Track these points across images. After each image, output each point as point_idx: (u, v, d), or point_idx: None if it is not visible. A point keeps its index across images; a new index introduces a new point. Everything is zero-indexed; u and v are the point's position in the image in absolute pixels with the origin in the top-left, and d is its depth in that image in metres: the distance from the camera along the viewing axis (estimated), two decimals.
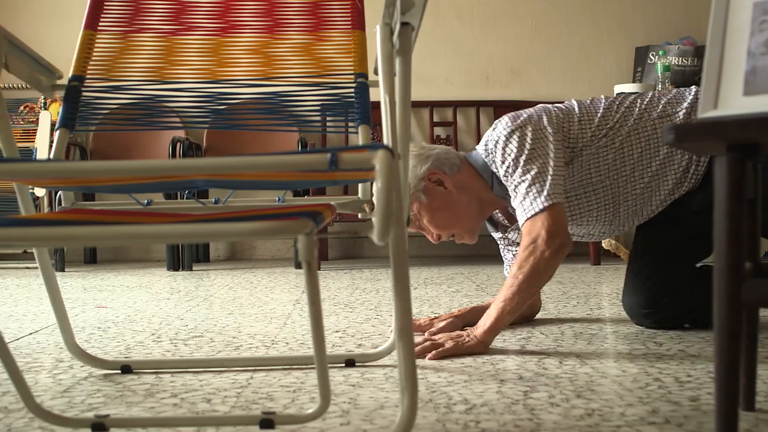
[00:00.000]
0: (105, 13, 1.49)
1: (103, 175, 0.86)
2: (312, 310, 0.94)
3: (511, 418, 1.16)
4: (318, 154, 0.86)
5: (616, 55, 4.19)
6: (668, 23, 4.22)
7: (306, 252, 0.87)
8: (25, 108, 4.03)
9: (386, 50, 1.15)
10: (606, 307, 2.28)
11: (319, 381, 1.04)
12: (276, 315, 2.22)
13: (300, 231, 0.85)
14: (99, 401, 1.30)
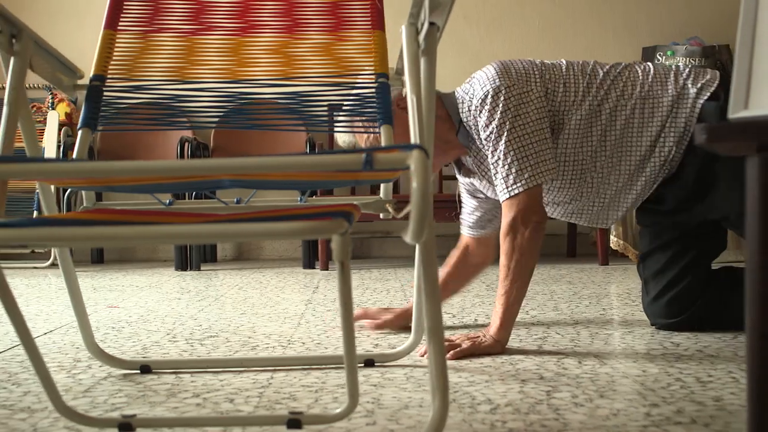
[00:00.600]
0: (124, 13, 1.49)
1: (137, 175, 0.86)
2: (344, 311, 0.94)
3: (536, 418, 1.16)
4: (353, 154, 0.86)
5: (622, 56, 4.19)
6: (674, 23, 4.22)
7: (341, 252, 0.87)
8: (32, 108, 4.02)
9: (412, 50, 1.15)
10: (618, 307, 2.28)
11: (348, 381, 1.04)
12: (289, 315, 2.21)
13: (335, 231, 0.85)
14: (121, 401, 1.30)
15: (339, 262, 0.89)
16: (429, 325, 0.98)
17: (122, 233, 0.79)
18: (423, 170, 0.85)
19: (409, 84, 1.13)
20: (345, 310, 0.94)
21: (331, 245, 0.88)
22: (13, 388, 1.41)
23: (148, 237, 0.79)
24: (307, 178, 1.12)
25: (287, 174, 1.05)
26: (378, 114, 1.36)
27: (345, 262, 0.89)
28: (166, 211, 1.27)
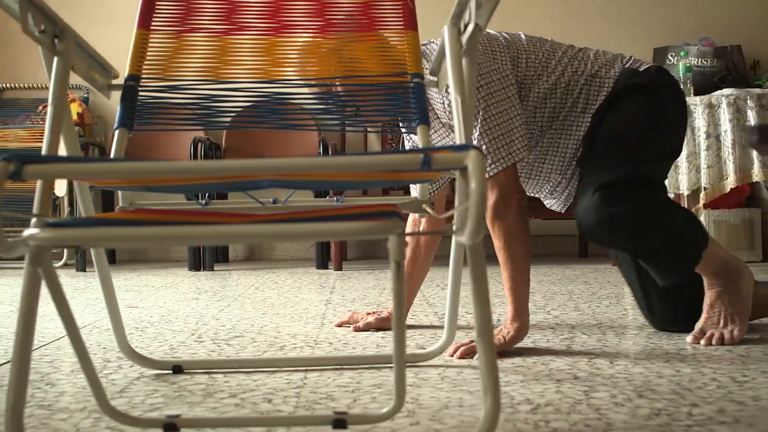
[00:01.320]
0: (157, 13, 1.49)
1: (195, 175, 0.86)
2: (397, 311, 0.94)
3: (579, 417, 1.16)
4: (411, 154, 0.86)
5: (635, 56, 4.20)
6: (685, 24, 4.22)
7: (397, 252, 0.87)
8: (43, 108, 4.02)
9: (455, 51, 1.15)
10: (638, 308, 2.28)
11: (396, 381, 1.04)
12: (311, 315, 2.22)
13: (392, 231, 0.85)
14: (159, 401, 1.30)
15: (395, 263, 0.89)
16: (479, 326, 0.98)
17: (190, 233, 0.79)
18: (481, 170, 0.85)
19: (452, 85, 1.13)
20: (398, 310, 0.94)
21: (388, 245, 0.88)
22: (48, 389, 1.40)
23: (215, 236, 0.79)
24: (347, 178, 1.12)
25: (329, 174, 1.05)
26: (414, 114, 1.36)
27: (401, 262, 0.89)
28: (207, 211, 1.27)
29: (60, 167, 0.84)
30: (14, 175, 0.84)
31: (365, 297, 2.61)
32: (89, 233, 0.82)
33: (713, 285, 1.74)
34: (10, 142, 3.95)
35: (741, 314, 1.73)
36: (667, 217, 1.69)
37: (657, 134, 1.77)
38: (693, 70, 3.66)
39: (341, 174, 1.04)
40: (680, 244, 1.70)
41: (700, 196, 3.29)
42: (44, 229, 0.85)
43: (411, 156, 0.86)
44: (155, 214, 1.09)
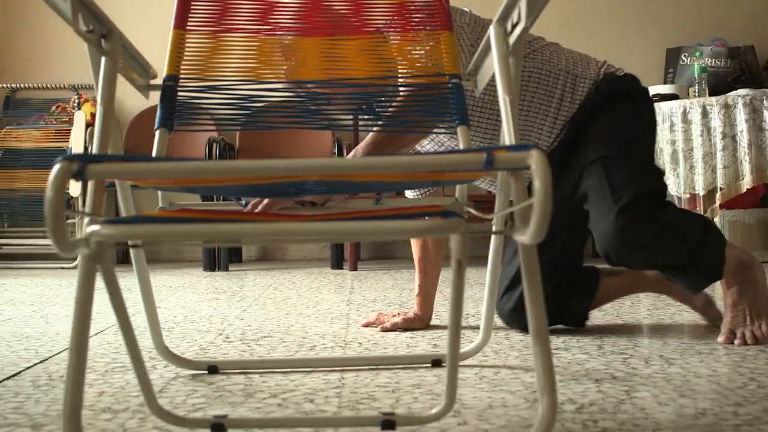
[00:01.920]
0: (192, 13, 1.49)
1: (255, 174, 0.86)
2: (455, 310, 0.94)
3: (625, 417, 1.16)
4: (474, 154, 0.86)
5: (646, 57, 4.20)
6: (698, 24, 4.23)
7: (460, 251, 0.87)
8: (57, 108, 4.02)
9: (502, 51, 1.15)
10: (663, 307, 2.28)
11: (448, 381, 1.04)
12: (334, 315, 2.22)
13: (456, 230, 0.85)
14: (200, 401, 1.30)
15: (456, 261, 0.89)
16: (533, 328, 0.98)
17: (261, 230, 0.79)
18: (545, 170, 0.85)
19: (500, 85, 1.13)
20: (456, 309, 0.94)
21: (450, 244, 0.88)
22: (86, 389, 1.40)
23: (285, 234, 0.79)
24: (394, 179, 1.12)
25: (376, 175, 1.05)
26: (454, 114, 1.36)
27: (463, 261, 0.89)
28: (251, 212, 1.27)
29: (123, 167, 0.84)
30: (77, 175, 0.84)
31: (386, 297, 2.61)
32: (155, 230, 0.82)
33: (732, 283, 1.73)
34: (23, 142, 3.95)
35: (765, 307, 1.73)
36: (687, 227, 1.70)
37: (652, 142, 1.83)
38: (708, 70, 3.66)
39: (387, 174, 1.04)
40: (705, 252, 1.70)
41: (716, 197, 3.30)
42: (106, 226, 0.85)
43: (474, 156, 0.86)
44: (204, 213, 1.09)
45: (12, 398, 1.34)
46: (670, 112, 3.45)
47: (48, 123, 3.98)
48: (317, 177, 1.00)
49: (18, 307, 2.46)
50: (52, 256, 3.98)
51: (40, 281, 3.25)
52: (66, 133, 3.91)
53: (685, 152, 3.37)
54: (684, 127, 3.38)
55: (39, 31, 4.18)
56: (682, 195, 3.38)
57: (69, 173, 0.84)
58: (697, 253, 1.70)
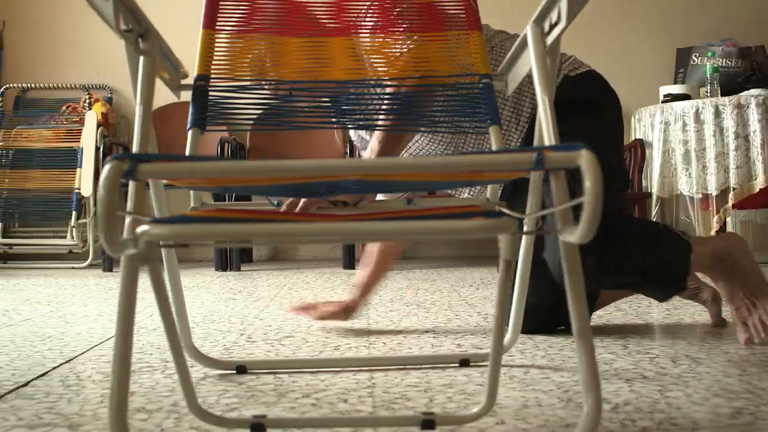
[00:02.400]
0: (221, 13, 1.49)
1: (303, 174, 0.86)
2: (500, 309, 0.94)
3: (662, 417, 1.16)
4: (524, 153, 0.86)
5: (656, 57, 4.20)
6: (708, 24, 4.23)
7: (510, 251, 0.87)
8: (68, 108, 4.02)
9: (539, 51, 1.15)
10: (681, 307, 2.28)
11: (490, 380, 1.04)
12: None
13: (508, 230, 0.85)
14: (233, 401, 1.30)
15: (505, 261, 0.89)
16: (576, 328, 0.98)
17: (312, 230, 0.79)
18: (595, 169, 0.85)
19: (538, 85, 1.13)
20: (501, 309, 0.94)
21: (499, 244, 0.88)
22: None
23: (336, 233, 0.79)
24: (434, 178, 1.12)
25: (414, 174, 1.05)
26: (486, 115, 1.36)
27: (512, 261, 0.89)
28: (289, 212, 1.27)
29: (174, 166, 0.84)
30: (128, 174, 0.84)
31: (402, 297, 2.61)
32: (209, 230, 0.82)
33: (717, 278, 1.72)
34: (34, 142, 3.95)
35: (760, 289, 1.70)
36: (635, 249, 1.68)
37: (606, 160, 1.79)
38: (719, 70, 3.67)
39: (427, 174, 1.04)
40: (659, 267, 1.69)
41: (728, 197, 3.30)
42: (157, 226, 0.85)
43: (524, 155, 0.86)
44: (244, 213, 1.09)
45: (44, 398, 1.34)
46: (682, 112, 3.45)
47: (58, 123, 3.97)
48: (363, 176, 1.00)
49: (35, 307, 2.46)
50: (62, 256, 3.98)
51: (54, 281, 3.25)
52: (77, 133, 3.91)
53: (697, 152, 3.37)
54: (696, 127, 3.39)
55: (48, 31, 4.18)
56: (694, 195, 3.38)
57: (120, 173, 0.84)
58: (650, 270, 1.69)
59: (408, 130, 1.48)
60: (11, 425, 1.18)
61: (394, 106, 1.44)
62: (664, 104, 3.58)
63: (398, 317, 2.16)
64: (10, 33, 4.18)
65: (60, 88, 4.10)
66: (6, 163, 3.93)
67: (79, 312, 2.35)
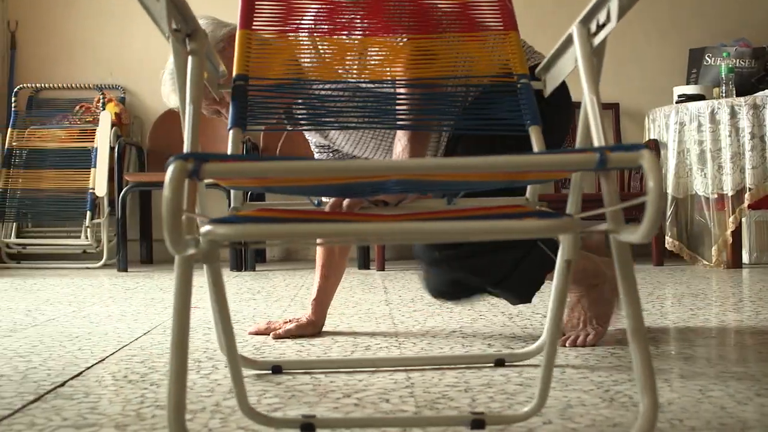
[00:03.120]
0: (257, 13, 1.49)
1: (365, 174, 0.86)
2: (557, 309, 0.94)
3: (709, 416, 1.16)
4: (586, 153, 0.86)
5: (669, 57, 4.20)
6: (720, 25, 4.23)
7: (572, 250, 0.87)
8: (81, 108, 4.02)
9: (586, 51, 1.16)
10: (704, 307, 2.28)
11: (542, 380, 1.04)
12: (377, 315, 2.22)
13: (572, 230, 0.85)
14: (275, 401, 1.30)
15: (566, 261, 0.89)
16: (631, 326, 0.98)
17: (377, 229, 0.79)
18: (657, 170, 0.85)
19: (586, 85, 1.13)
20: (558, 308, 0.94)
21: (562, 244, 0.88)
22: (155, 389, 1.40)
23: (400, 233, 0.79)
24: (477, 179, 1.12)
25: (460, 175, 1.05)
26: (526, 114, 1.37)
27: (572, 261, 0.89)
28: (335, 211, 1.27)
29: (239, 166, 0.84)
30: (193, 174, 0.84)
31: (422, 297, 2.61)
32: (274, 229, 0.82)
33: (572, 290, 1.74)
34: (48, 142, 3.95)
35: (600, 317, 1.75)
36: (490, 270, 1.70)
37: None
38: (734, 71, 3.67)
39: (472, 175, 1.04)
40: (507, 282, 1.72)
41: (744, 197, 3.30)
42: (221, 225, 0.85)
43: (587, 155, 0.86)
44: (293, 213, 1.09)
45: (84, 398, 1.34)
46: (697, 113, 3.45)
47: (72, 123, 3.97)
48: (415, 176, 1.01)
49: (57, 307, 2.46)
50: (75, 256, 3.98)
51: (70, 281, 3.25)
52: (90, 133, 3.91)
53: (713, 152, 3.38)
54: (712, 127, 3.39)
55: (61, 31, 4.18)
56: (710, 195, 3.38)
57: (185, 173, 0.84)
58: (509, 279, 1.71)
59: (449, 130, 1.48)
60: (57, 425, 1.18)
61: (432, 106, 1.44)
62: (678, 104, 3.58)
63: (423, 317, 2.16)
64: (22, 33, 4.18)
65: (73, 88, 4.10)
66: (20, 163, 3.93)
67: (102, 312, 2.35)
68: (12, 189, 3.89)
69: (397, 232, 0.79)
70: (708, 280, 3.03)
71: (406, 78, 1.45)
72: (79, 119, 3.97)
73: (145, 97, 4.17)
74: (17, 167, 3.92)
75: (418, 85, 1.45)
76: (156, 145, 4.03)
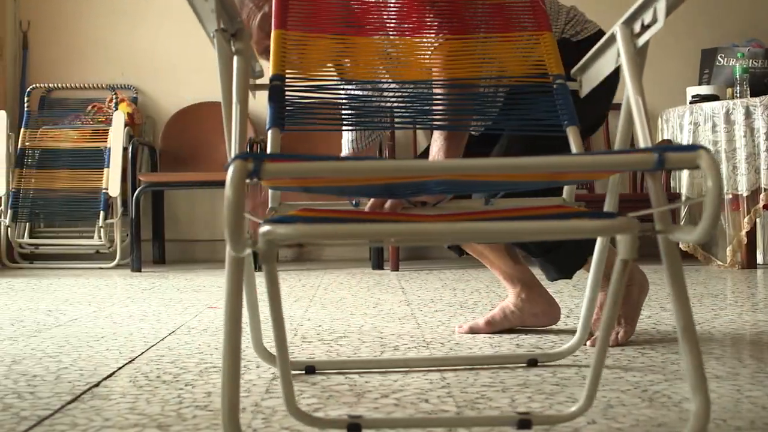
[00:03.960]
0: (291, 13, 1.49)
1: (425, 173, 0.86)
2: (611, 310, 0.94)
3: (752, 416, 1.16)
4: (644, 154, 0.86)
5: (682, 57, 4.20)
6: (733, 26, 4.23)
7: (631, 250, 0.87)
8: (93, 108, 4.02)
9: (630, 51, 1.16)
10: (726, 307, 2.28)
11: (591, 380, 1.04)
12: (399, 315, 2.22)
13: (632, 230, 0.85)
14: (313, 401, 1.30)
15: (623, 261, 0.89)
16: (681, 325, 0.99)
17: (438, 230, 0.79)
18: (716, 170, 0.85)
19: (631, 87, 1.13)
20: (612, 309, 0.94)
21: (620, 244, 0.88)
22: (190, 389, 1.40)
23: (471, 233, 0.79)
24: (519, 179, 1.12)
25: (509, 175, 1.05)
26: (563, 115, 1.37)
27: (629, 261, 0.89)
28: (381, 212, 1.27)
29: (299, 166, 0.84)
30: (253, 174, 0.84)
31: (441, 297, 2.61)
32: (336, 230, 0.82)
33: (603, 289, 1.74)
34: (60, 142, 3.95)
35: (628, 317, 1.75)
36: None
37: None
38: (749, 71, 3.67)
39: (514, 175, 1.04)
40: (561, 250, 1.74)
41: (759, 197, 3.30)
42: (280, 226, 0.85)
43: (645, 156, 0.86)
44: (338, 213, 1.09)
45: (121, 399, 1.34)
46: (712, 113, 3.45)
47: (84, 123, 3.97)
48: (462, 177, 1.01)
49: (77, 307, 2.46)
50: (87, 256, 3.98)
51: (85, 281, 3.25)
52: (103, 133, 3.91)
53: (727, 153, 3.38)
54: (727, 128, 3.39)
55: (73, 31, 4.18)
56: (724, 195, 3.38)
57: (245, 173, 0.84)
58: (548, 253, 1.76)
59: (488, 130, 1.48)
60: (99, 425, 1.18)
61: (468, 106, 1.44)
62: (693, 105, 3.58)
63: (446, 317, 2.16)
64: (34, 33, 4.18)
65: (85, 88, 4.09)
66: (32, 164, 3.93)
67: (123, 312, 2.35)
68: (25, 189, 3.88)
69: (468, 232, 0.79)
70: (724, 280, 3.03)
71: (441, 78, 1.45)
72: (92, 119, 3.97)
73: (157, 97, 4.17)
74: (30, 167, 3.92)
75: (454, 85, 1.45)
76: (168, 145, 4.03)
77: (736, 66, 3.65)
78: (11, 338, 1.91)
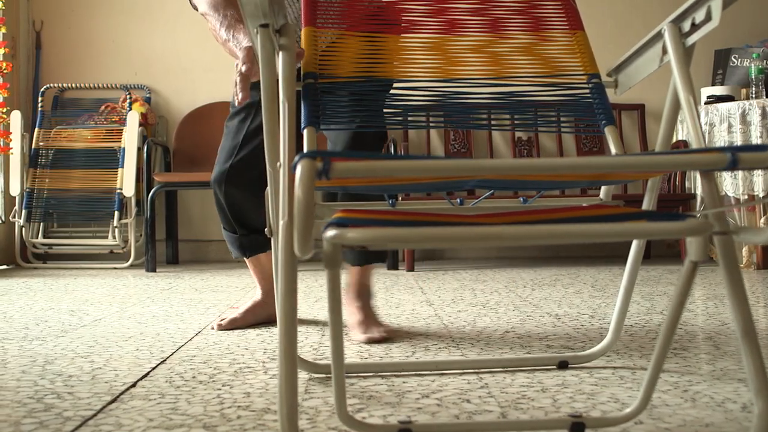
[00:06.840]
0: (320, 10, 1.48)
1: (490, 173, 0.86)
2: (676, 312, 0.94)
3: None
4: (717, 154, 0.86)
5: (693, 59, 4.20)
6: (746, 26, 4.23)
7: (701, 252, 0.87)
8: (106, 108, 4.02)
9: (679, 50, 1.16)
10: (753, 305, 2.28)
11: (648, 382, 1.04)
12: (423, 316, 2.21)
13: (706, 232, 0.85)
14: (355, 403, 1.30)
15: (692, 263, 0.89)
16: (741, 328, 0.98)
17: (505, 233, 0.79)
18: None
19: (681, 87, 1.13)
20: (677, 311, 0.94)
21: (689, 245, 0.88)
22: (229, 389, 1.40)
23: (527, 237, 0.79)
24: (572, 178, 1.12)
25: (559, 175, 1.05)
26: (600, 115, 1.36)
27: (699, 263, 0.89)
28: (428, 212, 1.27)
29: (369, 165, 0.84)
30: (322, 173, 0.83)
31: (462, 297, 2.61)
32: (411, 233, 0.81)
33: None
34: (74, 142, 3.94)
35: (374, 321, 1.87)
36: None
37: None
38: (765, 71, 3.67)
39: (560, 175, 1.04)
40: None
41: None
42: (348, 229, 0.84)
43: (718, 155, 0.85)
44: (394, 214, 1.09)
45: (161, 399, 1.33)
46: (727, 114, 3.45)
47: (98, 123, 3.97)
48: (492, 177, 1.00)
49: (99, 308, 2.45)
50: (101, 256, 3.98)
51: (102, 281, 3.25)
52: (116, 133, 3.90)
53: None
54: (743, 128, 3.39)
55: (86, 31, 4.17)
56: (740, 196, 3.38)
57: (315, 172, 0.83)
58: None
59: (520, 129, 1.48)
60: (144, 426, 1.17)
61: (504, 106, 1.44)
62: (708, 105, 3.58)
63: (471, 317, 2.16)
64: (47, 33, 4.18)
65: (98, 88, 4.09)
66: (46, 163, 3.92)
67: (146, 312, 2.34)
68: (39, 189, 3.88)
69: (535, 235, 0.78)
70: None
71: (477, 78, 1.45)
72: (105, 119, 3.97)
73: (171, 97, 4.16)
74: (44, 167, 3.92)
75: (489, 84, 1.44)
76: (181, 145, 4.02)
77: (752, 66, 3.65)
78: (39, 338, 1.91)
